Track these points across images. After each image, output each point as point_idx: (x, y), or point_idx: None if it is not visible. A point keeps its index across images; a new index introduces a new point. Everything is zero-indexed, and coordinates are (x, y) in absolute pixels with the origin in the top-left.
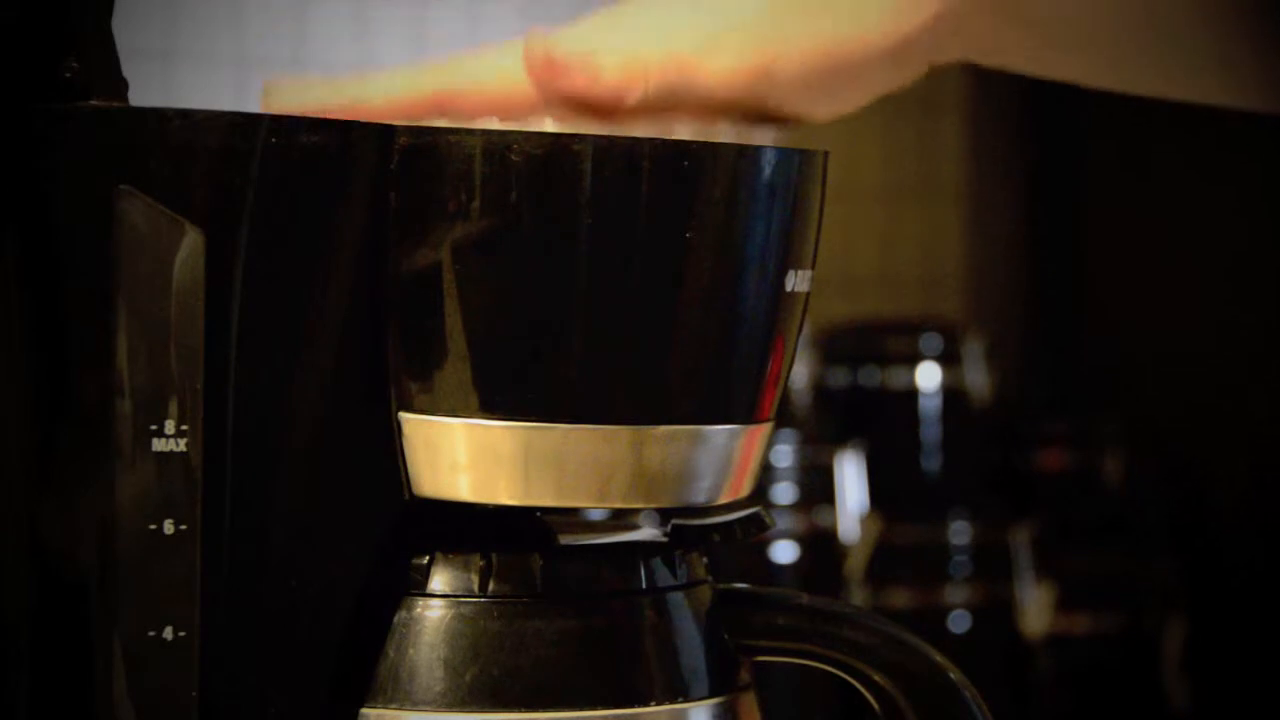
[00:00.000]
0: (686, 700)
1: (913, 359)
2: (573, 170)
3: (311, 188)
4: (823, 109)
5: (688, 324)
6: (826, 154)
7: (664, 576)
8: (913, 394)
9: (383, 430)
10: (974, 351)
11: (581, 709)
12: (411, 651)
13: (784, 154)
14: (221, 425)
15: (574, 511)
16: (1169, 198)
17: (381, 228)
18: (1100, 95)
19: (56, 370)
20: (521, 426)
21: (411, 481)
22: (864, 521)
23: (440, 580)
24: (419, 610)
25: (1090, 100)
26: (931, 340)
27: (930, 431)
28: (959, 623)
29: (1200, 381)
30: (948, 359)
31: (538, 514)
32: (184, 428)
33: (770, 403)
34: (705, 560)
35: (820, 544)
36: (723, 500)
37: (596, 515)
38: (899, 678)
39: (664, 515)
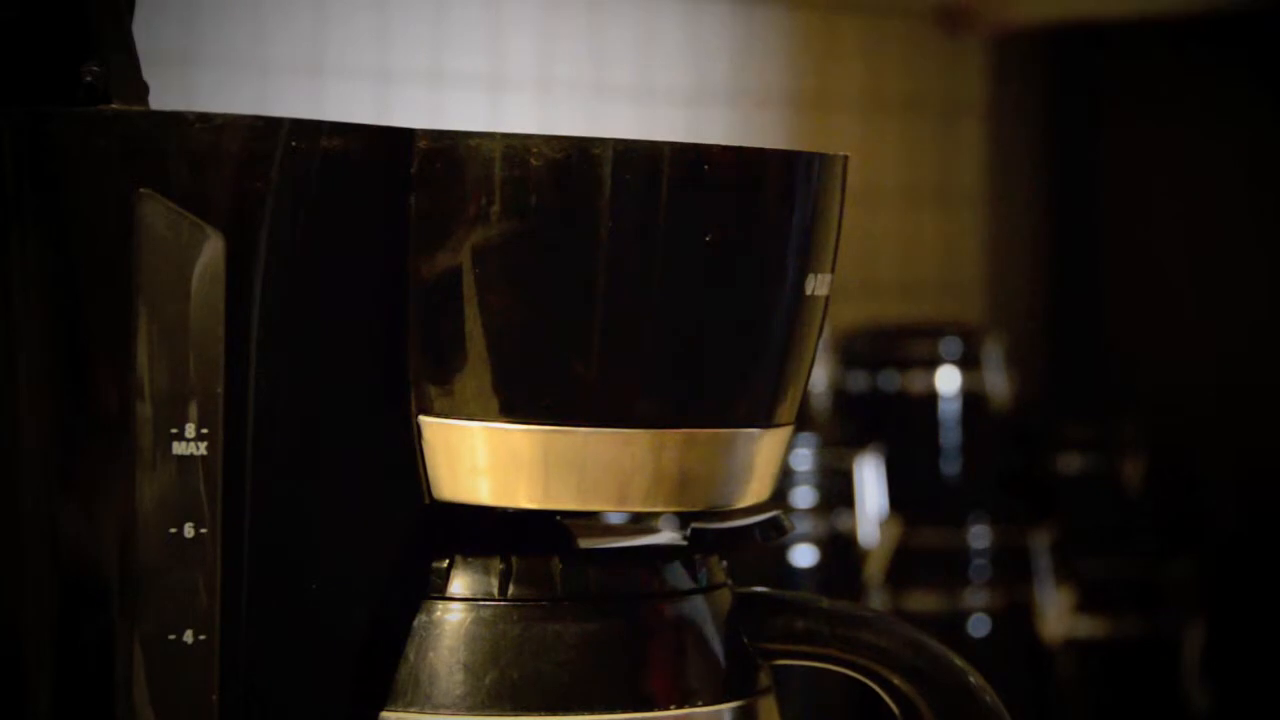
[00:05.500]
0: (706, 704)
1: (932, 363)
2: (592, 174)
3: (332, 191)
4: None
5: (707, 328)
6: (846, 158)
7: (683, 580)
8: (932, 398)
9: (403, 434)
10: (994, 355)
11: (600, 713)
12: (431, 655)
13: (804, 158)
14: (242, 429)
15: (593, 515)
16: (1190, 201)
17: (401, 231)
18: (1121, 99)
19: (77, 373)
20: (541, 430)
21: (431, 485)
22: (883, 525)
23: (460, 583)
24: (439, 613)
25: (1111, 104)
26: (951, 344)
27: (950, 435)
28: (978, 626)
29: (1220, 385)
30: (967, 363)
31: (557, 517)
32: (204, 431)
33: (790, 406)
34: (724, 564)
35: (839, 548)
36: (742, 504)
37: (616, 519)
38: (919, 681)
39: (683, 519)
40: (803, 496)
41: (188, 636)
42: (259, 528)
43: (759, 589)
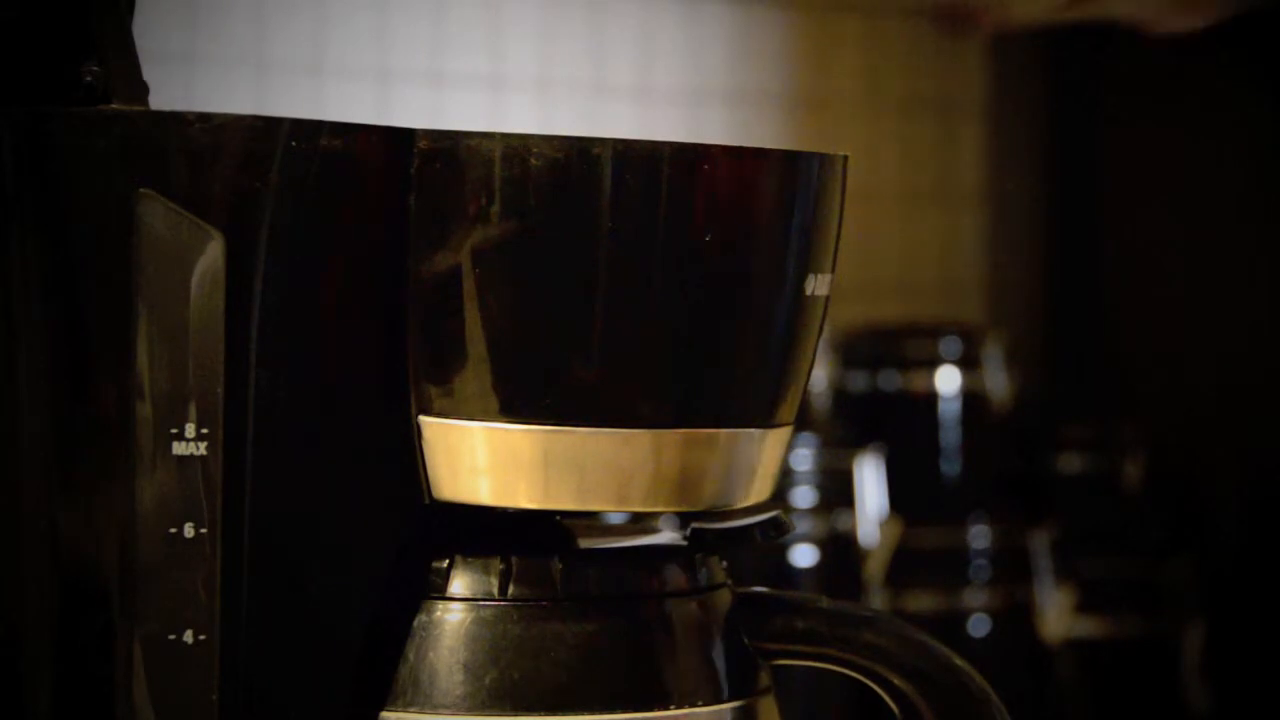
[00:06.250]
0: (706, 704)
1: (932, 363)
2: (592, 174)
3: (331, 191)
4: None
5: (707, 328)
6: (846, 158)
7: (683, 580)
8: (932, 398)
9: (403, 434)
10: (994, 355)
11: (600, 713)
12: (431, 655)
13: (804, 158)
14: (241, 429)
15: (593, 515)
16: (1190, 201)
17: (401, 231)
18: (1121, 99)
19: (77, 373)
20: (541, 430)
21: (431, 485)
22: (883, 525)
23: (460, 583)
24: (439, 613)
25: (1111, 103)
26: (951, 344)
27: (950, 435)
28: (978, 626)
29: (1220, 385)
30: (967, 363)
31: (557, 517)
32: (204, 431)
33: (790, 407)
34: (724, 564)
35: (839, 548)
36: (742, 504)
37: (616, 519)
38: (919, 681)
39: (683, 519)
40: (803, 496)
41: (188, 636)
42: (259, 528)
43: (759, 589)
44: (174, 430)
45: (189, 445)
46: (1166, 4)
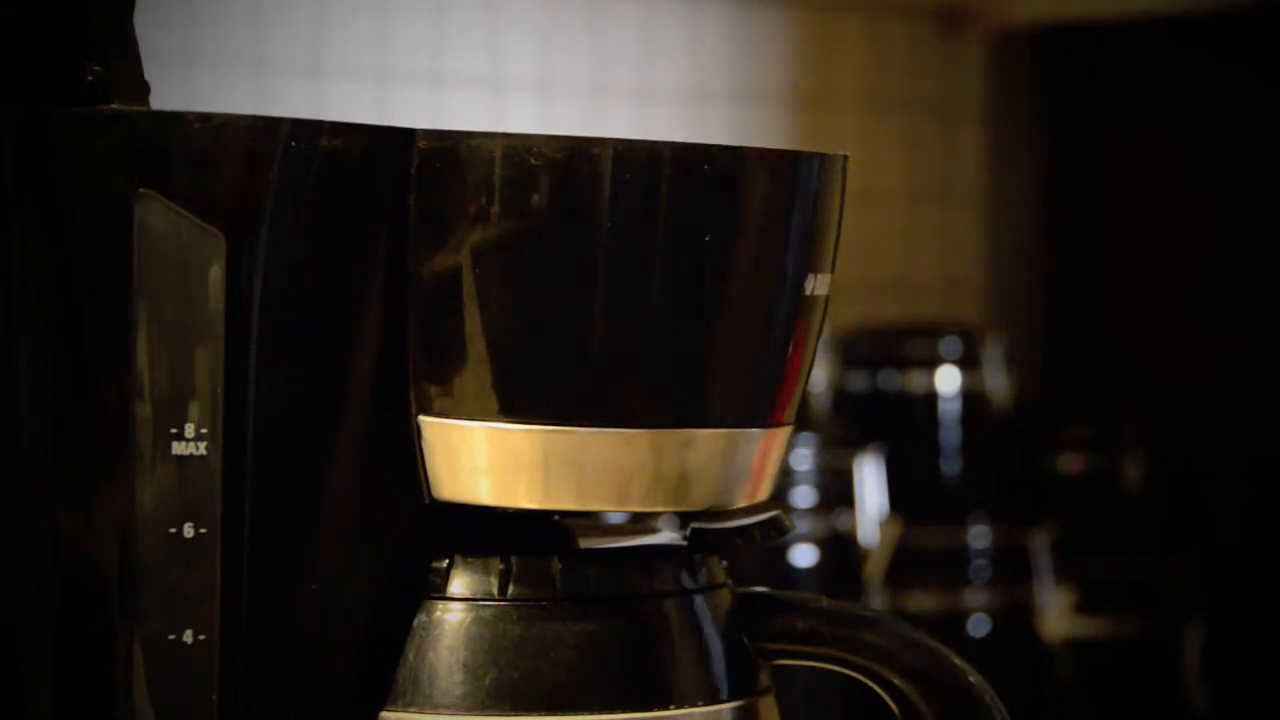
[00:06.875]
0: (706, 704)
1: (932, 362)
2: (592, 174)
3: (332, 191)
4: None
5: (707, 328)
6: (846, 158)
7: (683, 580)
8: (932, 397)
9: (403, 433)
10: (993, 355)
11: (600, 712)
12: (431, 655)
13: (804, 158)
14: (241, 429)
15: (593, 515)
16: (1190, 201)
17: (401, 231)
18: (1122, 98)
19: (77, 373)
20: (541, 430)
21: (431, 485)
22: (883, 525)
23: (460, 583)
24: (438, 613)
25: (1110, 103)
26: (951, 344)
27: (950, 435)
28: (978, 626)
29: (1220, 385)
30: (967, 362)
31: (557, 517)
32: (204, 431)
33: (789, 406)
34: (724, 564)
35: (839, 548)
36: (742, 504)
37: (616, 519)
38: (919, 681)
39: (683, 519)
40: (803, 496)
41: (188, 636)
42: (259, 528)
43: (759, 589)
44: (174, 430)
45: (189, 445)
46: None
